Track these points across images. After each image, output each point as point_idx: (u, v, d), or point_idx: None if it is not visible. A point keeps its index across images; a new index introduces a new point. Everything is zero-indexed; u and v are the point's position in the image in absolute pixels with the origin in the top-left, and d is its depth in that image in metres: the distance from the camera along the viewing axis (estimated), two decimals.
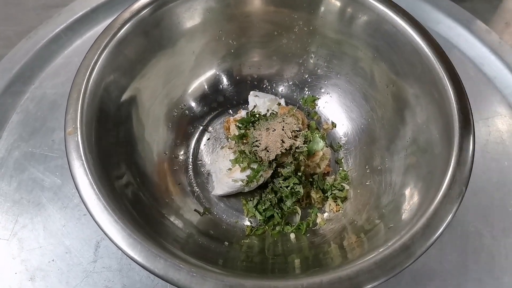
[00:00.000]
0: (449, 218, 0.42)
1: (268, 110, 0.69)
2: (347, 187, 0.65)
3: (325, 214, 0.63)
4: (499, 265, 0.60)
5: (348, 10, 0.60)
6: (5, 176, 0.65)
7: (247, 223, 0.63)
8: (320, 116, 0.74)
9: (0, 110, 0.70)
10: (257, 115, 0.67)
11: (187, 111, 0.71)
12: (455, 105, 0.49)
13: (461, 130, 0.47)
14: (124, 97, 0.57)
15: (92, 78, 0.50)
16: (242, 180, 0.60)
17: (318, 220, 0.62)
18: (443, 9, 0.85)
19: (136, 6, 0.56)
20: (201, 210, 0.63)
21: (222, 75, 0.73)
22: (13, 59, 0.74)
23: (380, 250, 0.41)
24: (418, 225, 0.42)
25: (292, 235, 0.60)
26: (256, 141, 0.61)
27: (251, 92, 0.73)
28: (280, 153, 0.59)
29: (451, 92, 0.50)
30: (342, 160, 0.70)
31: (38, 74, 0.76)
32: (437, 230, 0.42)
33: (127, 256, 0.40)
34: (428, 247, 0.41)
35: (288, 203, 0.62)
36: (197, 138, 0.71)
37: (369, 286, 0.39)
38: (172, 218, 0.56)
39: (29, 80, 0.74)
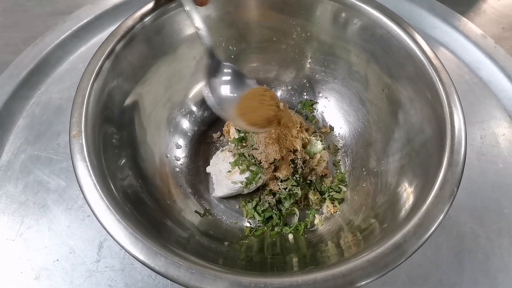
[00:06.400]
0: (440, 217, 0.43)
1: None
2: (344, 188, 0.66)
3: (323, 215, 0.65)
4: (494, 265, 0.61)
5: (343, 16, 0.62)
6: (11, 178, 0.66)
7: (247, 224, 0.65)
8: (318, 120, 0.76)
9: (7, 114, 0.72)
10: None
11: (188, 115, 0.72)
12: (447, 108, 0.50)
13: (453, 132, 0.49)
14: (127, 101, 0.58)
15: (96, 83, 0.51)
16: (241, 182, 0.62)
17: (316, 221, 0.63)
18: (439, 15, 0.86)
19: (139, 13, 0.58)
20: (202, 212, 0.64)
21: None
22: (20, 65, 0.75)
23: (373, 249, 0.42)
24: (410, 224, 0.43)
25: (291, 236, 0.61)
26: (255, 144, 0.62)
27: None
28: (278, 156, 0.60)
29: (443, 95, 0.51)
30: (340, 163, 0.71)
31: (44, 80, 0.77)
32: (429, 229, 0.43)
33: (129, 253, 0.41)
34: (420, 245, 0.42)
35: (286, 204, 0.63)
36: (197, 141, 0.72)
37: (362, 283, 0.40)
38: (173, 220, 0.57)
39: (36, 86, 0.76)
